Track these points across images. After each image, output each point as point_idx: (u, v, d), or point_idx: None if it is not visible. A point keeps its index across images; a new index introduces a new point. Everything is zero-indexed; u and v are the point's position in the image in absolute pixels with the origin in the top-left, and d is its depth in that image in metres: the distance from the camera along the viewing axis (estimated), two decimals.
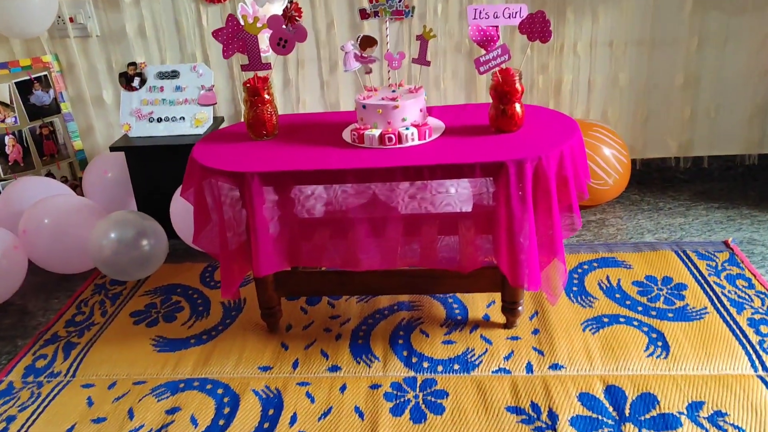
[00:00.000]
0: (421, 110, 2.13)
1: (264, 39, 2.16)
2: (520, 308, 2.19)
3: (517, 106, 2.08)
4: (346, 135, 2.18)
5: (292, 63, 3.11)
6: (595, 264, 2.54)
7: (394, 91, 2.18)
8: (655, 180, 3.20)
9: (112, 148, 2.85)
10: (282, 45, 2.13)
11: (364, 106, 2.10)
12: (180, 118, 2.90)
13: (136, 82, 2.95)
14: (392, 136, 2.05)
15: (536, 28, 2.01)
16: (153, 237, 2.60)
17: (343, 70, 2.21)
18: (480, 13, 2.09)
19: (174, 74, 2.94)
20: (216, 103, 2.92)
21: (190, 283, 2.61)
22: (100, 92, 3.23)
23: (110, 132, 3.30)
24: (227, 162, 2.04)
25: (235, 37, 2.09)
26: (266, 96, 2.18)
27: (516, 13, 2.10)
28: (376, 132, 2.07)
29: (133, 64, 2.96)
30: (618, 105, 3.08)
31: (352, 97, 3.15)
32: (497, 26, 2.10)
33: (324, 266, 2.20)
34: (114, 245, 2.51)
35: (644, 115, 3.10)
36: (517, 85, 2.05)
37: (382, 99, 2.11)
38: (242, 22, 2.06)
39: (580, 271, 2.53)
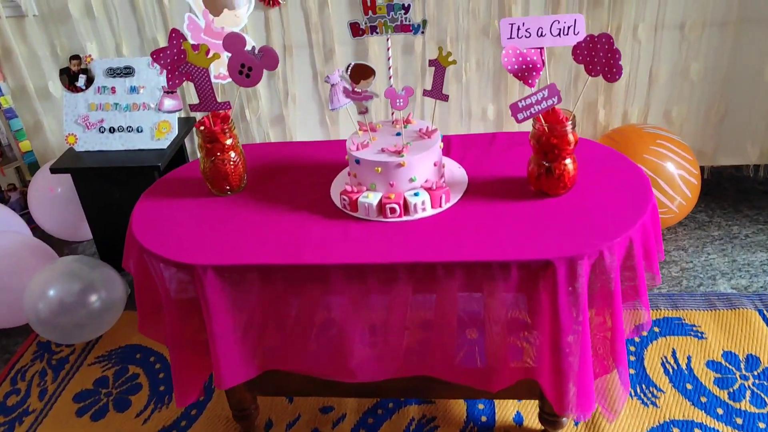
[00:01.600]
0: (435, 164, 1.59)
1: (223, 59, 1.61)
2: (564, 420, 1.72)
3: (568, 163, 1.53)
4: (336, 192, 1.66)
5: (277, 48, 2.53)
6: (657, 329, 2.05)
7: (398, 134, 1.63)
8: (727, 193, 2.65)
9: (54, 170, 2.34)
10: (245, 74, 1.58)
11: (357, 161, 1.57)
12: (137, 129, 2.38)
13: (81, 80, 2.40)
14: (396, 206, 1.53)
15: (599, 57, 1.44)
16: (105, 289, 2.14)
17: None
18: (518, 29, 1.52)
19: (128, 71, 2.40)
20: (182, 110, 2.38)
21: (153, 343, 2.17)
22: (45, 83, 2.69)
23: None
24: (174, 240, 1.55)
25: (181, 64, 1.54)
26: (228, 141, 1.65)
27: (569, 28, 1.52)
28: (374, 198, 1.55)
29: (77, 57, 2.41)
30: (687, 102, 2.50)
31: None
32: (542, 49, 1.52)
33: (306, 373, 1.72)
34: (53, 306, 2.05)
35: (720, 115, 2.51)
36: (570, 136, 1.50)
37: (382, 150, 1.57)
38: (188, 47, 1.51)
39: (637, 340, 2.03)
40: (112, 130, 2.40)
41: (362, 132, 1.66)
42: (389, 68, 1.66)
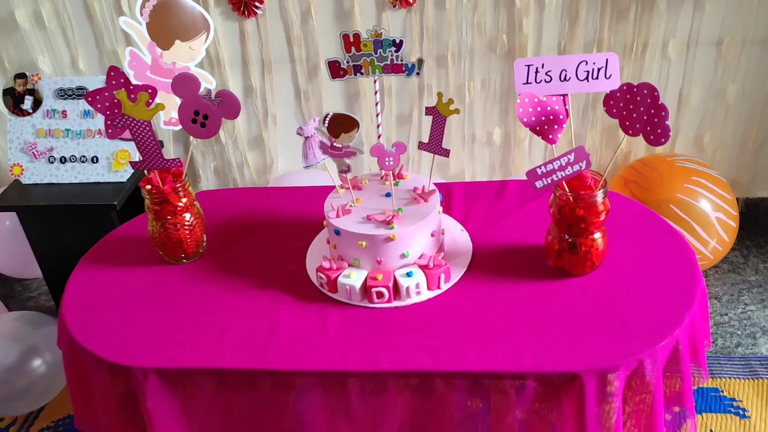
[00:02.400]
0: (433, 234, 1.31)
1: (171, 101, 1.32)
2: None
3: (597, 238, 1.25)
4: (312, 265, 1.38)
5: (254, 64, 2.24)
6: None
7: (388, 194, 1.35)
8: (763, 228, 2.36)
9: None
10: (200, 123, 1.29)
11: (337, 231, 1.28)
12: (92, 159, 2.09)
13: (27, 103, 2.10)
14: (384, 290, 1.25)
15: (638, 112, 1.15)
16: (50, 351, 1.86)
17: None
18: (537, 72, 1.23)
19: (81, 92, 2.10)
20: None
21: None
22: None
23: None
24: (111, 330, 1.28)
25: (120, 113, 1.25)
26: (181, 202, 1.36)
27: (599, 70, 1.23)
28: (358, 279, 1.27)
29: (22, 76, 2.11)
30: (720, 128, 2.21)
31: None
32: (565, 96, 1.24)
33: None
34: None
35: (758, 142, 2.23)
36: (600, 206, 1.22)
37: (368, 219, 1.29)
38: (123, 97, 1.22)
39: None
40: (63, 160, 2.11)
41: (343, 190, 1.37)
42: (378, 114, 1.37)
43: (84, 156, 2.11)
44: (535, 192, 1.22)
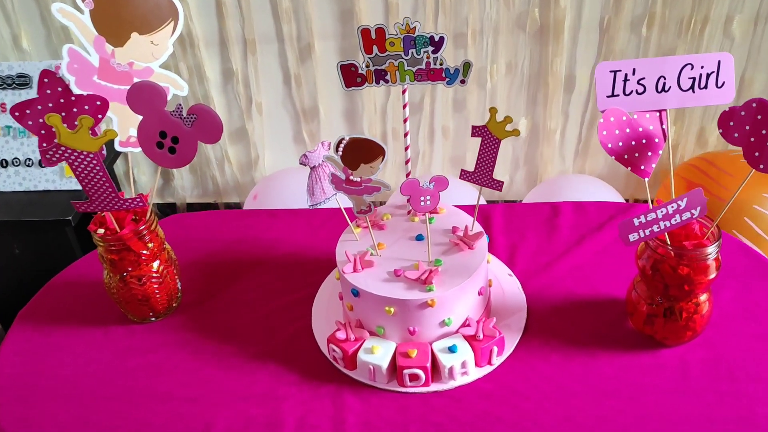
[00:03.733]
0: (481, 292, 1.00)
1: (129, 115, 0.99)
2: None
3: (703, 302, 0.95)
4: (321, 332, 1.07)
5: (235, 43, 1.89)
6: None
7: (420, 237, 1.04)
8: None
9: None
10: (168, 148, 0.96)
11: (355, 292, 0.97)
12: (40, 162, 1.75)
13: None
14: (419, 372, 0.95)
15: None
16: None
17: None
18: (625, 79, 0.91)
19: (23, 81, 1.75)
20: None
21: None
22: None
23: None
24: (54, 424, 0.96)
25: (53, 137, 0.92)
26: (145, 250, 1.04)
27: (708, 75, 0.92)
28: (384, 356, 0.97)
29: None
30: None
31: (338, 100, 1.96)
32: (663, 114, 0.93)
33: None
34: None
35: None
36: (711, 263, 0.91)
37: (396, 275, 0.98)
38: (57, 123, 0.89)
39: None
40: (4, 163, 1.77)
41: (360, 230, 1.05)
42: (406, 134, 1.04)
43: (30, 159, 1.77)
44: (627, 245, 0.91)
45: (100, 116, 1.00)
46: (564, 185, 1.90)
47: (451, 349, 0.98)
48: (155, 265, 1.08)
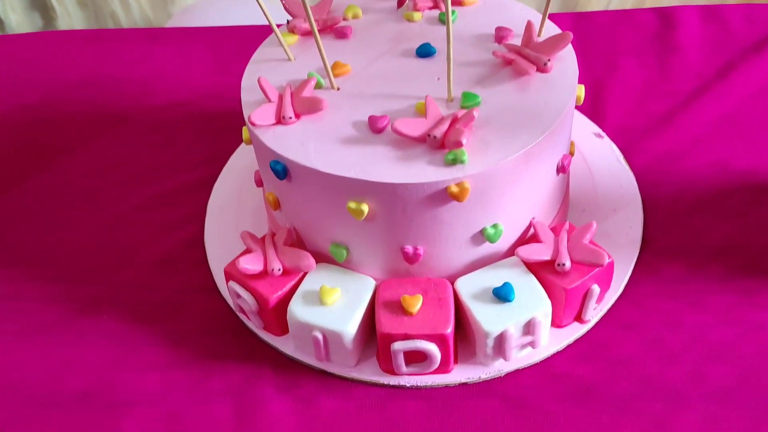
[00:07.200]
0: (561, 169, 0.45)
1: None
2: None
3: None
4: (221, 259, 0.55)
5: None
6: None
7: (425, 49, 0.47)
8: None
9: None
10: None
11: (281, 169, 0.42)
12: None
13: None
14: (429, 346, 0.43)
15: None
16: None
17: None
18: None
19: None
20: None
21: None
22: None
23: None
24: None
25: None
26: None
27: None
28: (349, 312, 0.45)
29: None
30: None
31: None
32: None
33: None
34: None
35: None
36: None
37: (374, 126, 0.42)
38: None
39: None
40: None
41: (298, 37, 0.49)
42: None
43: None
44: None
45: None
46: None
47: (501, 294, 0.45)
48: None
